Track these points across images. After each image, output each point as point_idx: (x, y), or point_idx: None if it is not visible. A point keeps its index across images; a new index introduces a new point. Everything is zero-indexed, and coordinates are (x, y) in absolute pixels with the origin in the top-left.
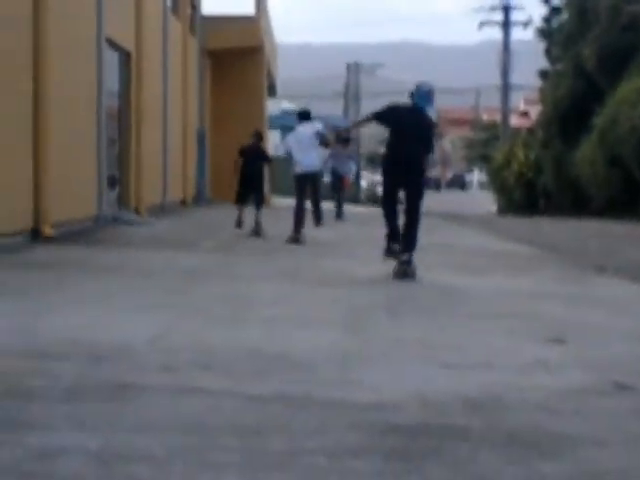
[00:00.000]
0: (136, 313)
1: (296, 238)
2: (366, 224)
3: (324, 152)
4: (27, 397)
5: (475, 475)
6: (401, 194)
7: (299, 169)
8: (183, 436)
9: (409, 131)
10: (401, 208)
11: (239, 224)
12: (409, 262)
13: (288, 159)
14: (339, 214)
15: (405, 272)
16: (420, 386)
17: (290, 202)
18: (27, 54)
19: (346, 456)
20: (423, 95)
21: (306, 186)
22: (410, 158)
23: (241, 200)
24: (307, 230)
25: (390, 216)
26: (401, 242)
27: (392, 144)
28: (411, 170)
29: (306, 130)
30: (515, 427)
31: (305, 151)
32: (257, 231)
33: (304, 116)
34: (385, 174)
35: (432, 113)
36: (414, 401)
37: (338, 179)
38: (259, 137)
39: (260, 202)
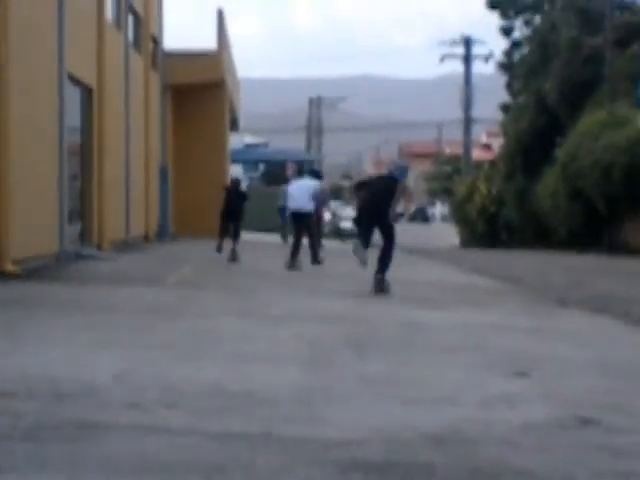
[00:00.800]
0: (100, 350)
1: (292, 264)
2: (330, 259)
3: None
4: None
5: None
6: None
7: (290, 209)
8: (147, 476)
9: (377, 193)
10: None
11: (219, 249)
12: (383, 280)
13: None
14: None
15: (381, 288)
16: (384, 422)
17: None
18: None
19: None
20: (401, 169)
21: (298, 224)
22: (379, 210)
23: (222, 233)
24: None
25: (364, 236)
26: (377, 264)
27: (365, 203)
28: (381, 218)
29: (308, 182)
30: (479, 463)
31: (299, 195)
32: (234, 257)
33: (315, 174)
34: (359, 222)
35: (404, 180)
36: (378, 438)
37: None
38: (237, 183)
39: (237, 233)
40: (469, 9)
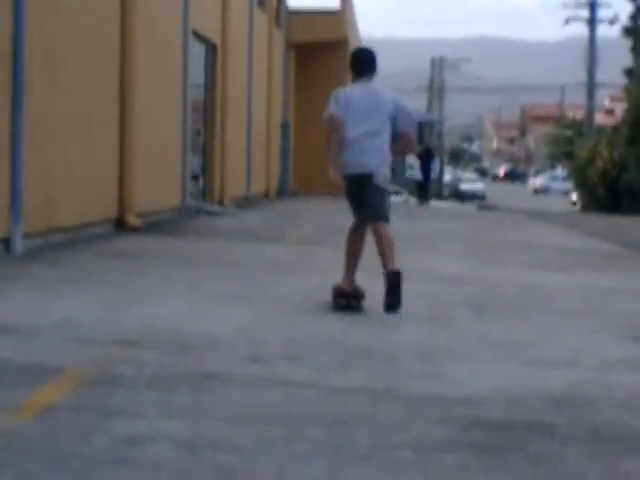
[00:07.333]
0: (222, 303)
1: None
2: (450, 220)
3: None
4: (115, 384)
5: (560, 471)
6: None
7: None
8: (269, 426)
9: None
10: None
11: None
12: None
13: None
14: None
15: None
16: (504, 382)
17: None
18: (115, 45)
19: (431, 450)
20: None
21: None
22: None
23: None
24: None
25: None
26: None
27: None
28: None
29: None
30: (600, 424)
31: None
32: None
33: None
34: None
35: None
36: (498, 397)
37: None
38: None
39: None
40: None
